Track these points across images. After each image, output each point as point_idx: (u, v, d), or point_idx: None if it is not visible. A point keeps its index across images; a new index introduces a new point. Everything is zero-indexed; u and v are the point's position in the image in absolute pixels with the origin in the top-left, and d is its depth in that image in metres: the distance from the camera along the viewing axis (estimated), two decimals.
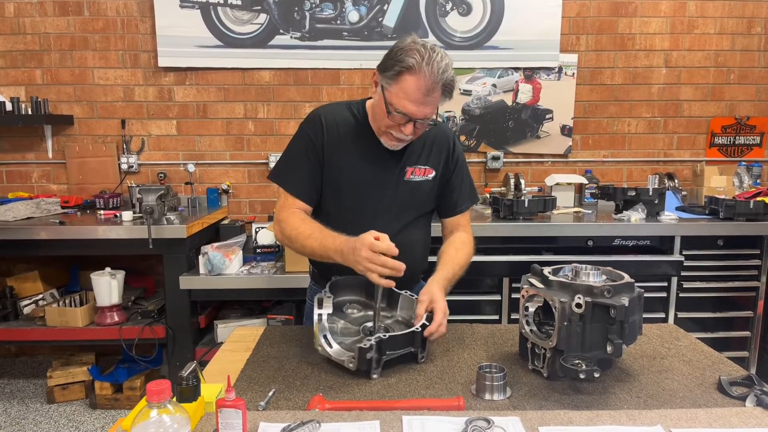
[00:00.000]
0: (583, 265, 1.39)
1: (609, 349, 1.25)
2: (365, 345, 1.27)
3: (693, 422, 1.08)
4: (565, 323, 1.25)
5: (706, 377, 1.33)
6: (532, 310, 1.39)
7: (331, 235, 1.47)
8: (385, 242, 1.33)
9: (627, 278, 1.34)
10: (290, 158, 1.64)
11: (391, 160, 1.62)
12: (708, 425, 1.07)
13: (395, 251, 1.33)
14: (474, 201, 1.78)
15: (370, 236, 1.34)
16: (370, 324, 1.45)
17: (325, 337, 1.34)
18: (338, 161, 1.60)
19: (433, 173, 1.66)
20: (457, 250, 1.66)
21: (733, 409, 1.15)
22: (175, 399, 1.01)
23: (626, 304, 1.22)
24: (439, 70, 1.39)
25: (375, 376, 1.29)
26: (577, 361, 1.23)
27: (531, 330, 1.36)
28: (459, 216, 1.74)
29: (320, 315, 1.35)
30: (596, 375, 1.20)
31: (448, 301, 1.51)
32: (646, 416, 1.09)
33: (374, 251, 1.31)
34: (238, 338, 1.63)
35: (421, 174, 1.64)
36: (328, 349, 1.34)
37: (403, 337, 1.38)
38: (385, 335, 1.33)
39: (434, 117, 1.50)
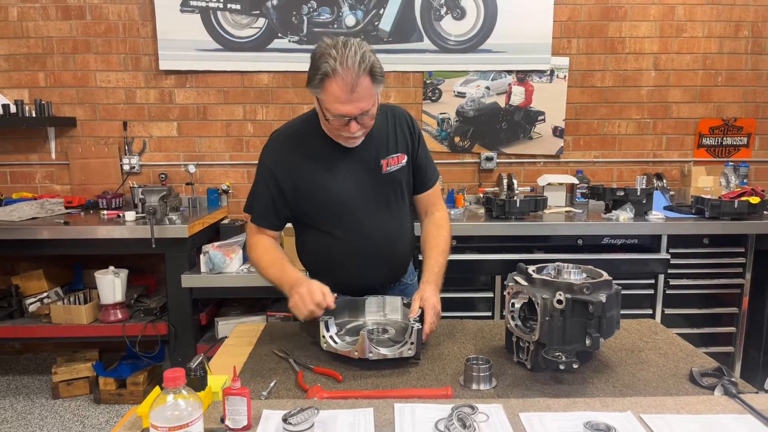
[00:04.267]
0: (565, 264, 1.48)
1: (587, 342, 1.34)
2: (366, 331, 1.41)
3: (662, 409, 1.17)
4: (547, 318, 1.34)
5: (680, 369, 1.42)
6: (517, 306, 1.47)
7: (289, 270, 1.61)
8: (320, 297, 1.47)
9: (605, 276, 1.43)
10: (254, 191, 1.71)
11: (364, 156, 1.63)
12: (675, 411, 1.16)
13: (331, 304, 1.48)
14: (437, 176, 1.83)
15: (313, 288, 1.49)
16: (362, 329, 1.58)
17: (332, 337, 1.46)
18: (311, 174, 1.62)
19: (405, 158, 1.69)
20: (436, 237, 1.73)
21: (701, 397, 1.24)
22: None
23: (603, 301, 1.31)
24: (355, 65, 1.40)
25: (371, 355, 1.38)
26: (557, 354, 1.32)
27: (516, 325, 1.45)
28: (430, 191, 1.79)
29: (327, 321, 1.47)
30: (575, 366, 1.30)
31: (442, 298, 1.61)
32: (619, 403, 1.19)
33: (308, 295, 1.47)
34: (240, 333, 1.72)
35: (395, 162, 1.67)
36: (333, 345, 1.44)
37: (398, 326, 1.53)
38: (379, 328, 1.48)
39: (374, 107, 1.51)
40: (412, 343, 1.41)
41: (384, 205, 1.69)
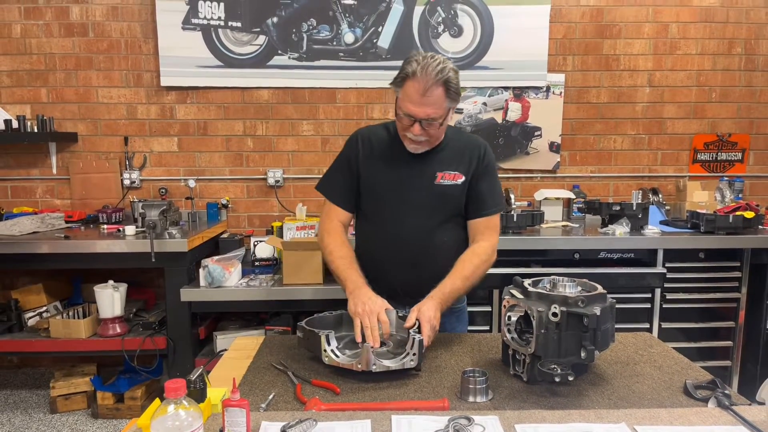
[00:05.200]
0: (560, 278, 1.51)
1: (583, 354, 1.36)
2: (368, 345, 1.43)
3: (656, 420, 1.18)
4: (543, 331, 1.36)
5: (674, 381, 1.44)
6: (513, 319, 1.49)
7: (357, 272, 1.74)
8: (385, 320, 1.55)
9: (600, 289, 1.45)
10: (331, 172, 1.93)
11: (423, 166, 1.79)
12: (669, 423, 1.17)
13: (387, 331, 1.55)
14: (500, 209, 1.87)
15: (382, 306, 1.58)
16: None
17: (333, 351, 1.48)
18: (373, 170, 1.83)
19: (463, 178, 1.80)
20: (464, 262, 1.77)
21: (695, 409, 1.25)
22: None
23: (598, 313, 1.33)
24: (433, 72, 1.58)
25: (374, 367, 1.40)
26: (553, 366, 1.34)
27: (512, 338, 1.47)
28: (483, 220, 1.83)
29: (327, 335, 1.49)
30: (570, 378, 1.31)
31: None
32: (613, 415, 1.20)
33: (373, 314, 1.54)
34: (239, 347, 1.73)
35: (450, 178, 1.80)
36: (335, 358, 1.46)
37: (394, 339, 1.56)
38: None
39: (441, 119, 1.66)
40: (414, 354, 1.42)
41: (428, 212, 1.80)
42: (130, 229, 3.12)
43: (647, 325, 3.14)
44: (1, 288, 3.68)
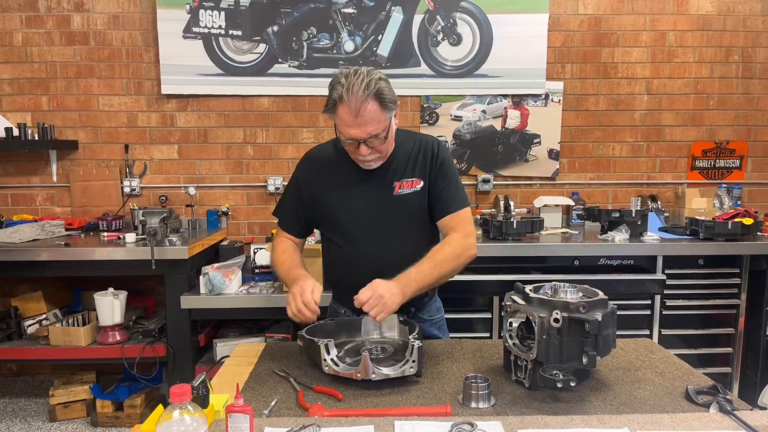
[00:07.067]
0: (562, 283, 1.51)
1: (584, 360, 1.36)
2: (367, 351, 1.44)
3: (658, 425, 1.19)
4: (544, 337, 1.36)
5: (676, 387, 1.44)
6: (515, 325, 1.49)
7: (297, 269, 1.74)
8: (308, 299, 1.56)
9: (601, 295, 1.46)
10: (284, 197, 1.93)
11: (379, 178, 1.75)
12: (671, 428, 1.18)
13: (315, 309, 1.56)
14: (464, 204, 1.78)
15: (305, 286, 1.58)
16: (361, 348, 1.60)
17: (332, 360, 1.48)
18: (326, 191, 1.79)
19: (421, 183, 1.75)
20: (434, 251, 1.70)
21: (696, 414, 1.26)
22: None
23: (599, 319, 1.33)
24: (360, 90, 1.53)
25: (373, 375, 1.40)
26: (554, 372, 1.34)
27: (514, 343, 1.47)
28: (450, 217, 1.75)
29: (326, 344, 1.49)
30: (572, 384, 1.31)
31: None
32: (616, 420, 1.20)
33: (296, 296, 1.58)
34: (241, 353, 1.74)
35: (408, 186, 1.75)
36: (335, 367, 1.46)
37: (396, 344, 1.56)
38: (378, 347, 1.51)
39: (384, 132, 1.61)
40: (413, 362, 1.43)
41: (391, 225, 1.76)
42: (130, 237, 3.12)
43: (647, 332, 3.14)
44: (1, 295, 3.68)
